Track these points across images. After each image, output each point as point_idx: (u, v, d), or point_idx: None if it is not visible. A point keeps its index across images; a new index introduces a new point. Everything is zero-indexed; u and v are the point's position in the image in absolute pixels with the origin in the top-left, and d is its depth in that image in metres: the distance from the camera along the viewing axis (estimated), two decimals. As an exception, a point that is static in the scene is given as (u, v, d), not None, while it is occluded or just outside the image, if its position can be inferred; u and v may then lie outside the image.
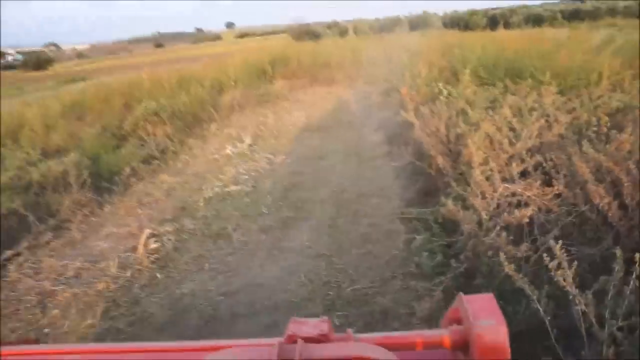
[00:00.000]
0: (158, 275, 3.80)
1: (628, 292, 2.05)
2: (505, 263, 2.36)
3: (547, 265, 2.12)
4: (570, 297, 2.11)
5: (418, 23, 33.97)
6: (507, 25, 27.17)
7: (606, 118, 3.82)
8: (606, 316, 2.06)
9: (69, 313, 3.41)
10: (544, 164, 3.48)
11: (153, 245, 4.22)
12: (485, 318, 0.99)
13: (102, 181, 5.79)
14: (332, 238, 4.09)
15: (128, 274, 3.84)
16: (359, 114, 8.63)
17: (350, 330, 1.01)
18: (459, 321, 1.06)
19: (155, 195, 5.49)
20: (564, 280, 2.10)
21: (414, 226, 3.94)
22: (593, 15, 30.92)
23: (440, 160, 4.21)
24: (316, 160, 6.21)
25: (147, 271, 3.85)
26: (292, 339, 0.93)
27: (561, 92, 5.23)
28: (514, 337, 0.86)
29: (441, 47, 10.57)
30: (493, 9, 40.98)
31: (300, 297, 3.28)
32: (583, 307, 2.08)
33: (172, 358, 1.20)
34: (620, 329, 2.03)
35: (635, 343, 1.98)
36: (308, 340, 0.92)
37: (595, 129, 3.63)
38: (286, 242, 4.09)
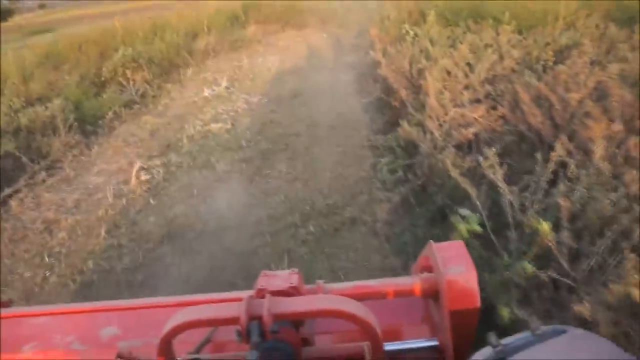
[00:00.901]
0: (151, 201, 4.26)
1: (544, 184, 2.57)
2: (452, 168, 2.90)
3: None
4: (501, 191, 2.64)
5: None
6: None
7: (551, 53, 4.38)
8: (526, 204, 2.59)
9: (75, 235, 3.88)
10: (492, 93, 4.00)
11: (144, 177, 4.66)
12: (455, 265, 1.05)
13: (87, 125, 6.14)
14: (307, 165, 4.58)
15: (123, 201, 4.30)
16: (331, 56, 8.98)
17: (320, 282, 1.12)
18: (429, 269, 1.14)
19: (140, 136, 5.88)
20: (494, 175, 2.64)
21: (380, 152, 4.45)
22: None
23: (404, 93, 4.68)
24: (291, 99, 6.63)
25: (141, 198, 4.31)
26: (261, 293, 0.99)
27: (520, 32, 5.71)
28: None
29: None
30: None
31: (280, 212, 3.79)
32: (509, 197, 2.61)
33: (147, 314, 1.32)
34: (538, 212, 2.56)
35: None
36: (278, 293, 0.97)
37: (543, 63, 4.17)
38: (266, 170, 4.58)
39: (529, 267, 2.06)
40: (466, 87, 4.13)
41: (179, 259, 3.38)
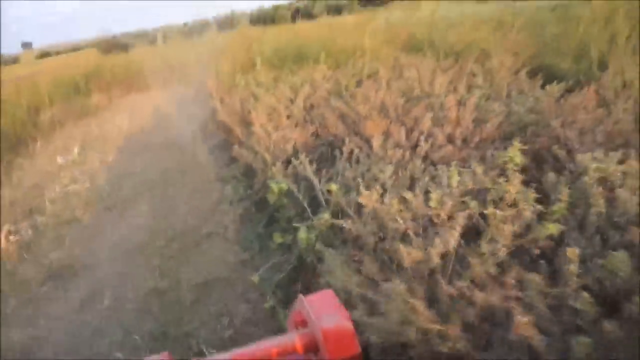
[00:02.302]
0: (25, 255, 4.78)
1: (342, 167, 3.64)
2: (277, 175, 3.92)
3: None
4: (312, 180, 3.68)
5: (227, 23, 35.23)
6: (311, 16, 29.50)
7: (354, 82, 5.74)
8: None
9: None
10: (307, 118, 5.17)
11: (14, 239, 5.13)
12: (327, 314, 1.05)
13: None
14: (166, 202, 5.38)
15: (-3, 260, 4.77)
16: (175, 111, 9.87)
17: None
18: (304, 323, 1.12)
19: (-1, 207, 6.26)
20: (305, 168, 3.69)
21: (226, 180, 5.40)
22: (383, 1, 34.90)
23: (238, 131, 5.70)
24: (143, 153, 7.37)
25: (15, 254, 4.80)
26: None
27: (335, 67, 7.12)
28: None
29: (244, 43, 12.15)
30: (297, 1, 43.45)
31: (147, 240, 4.55)
32: (317, 183, 3.64)
33: None
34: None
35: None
36: None
37: (349, 90, 5.45)
38: (128, 212, 5.30)
39: (327, 217, 3.05)
40: (288, 117, 5.25)
41: (62, 293, 3.99)
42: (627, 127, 2.98)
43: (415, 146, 3.40)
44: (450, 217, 2.12)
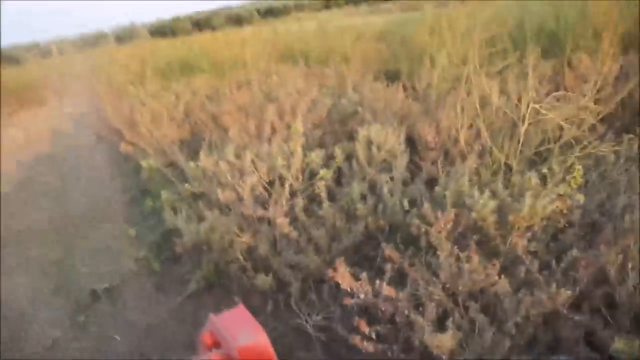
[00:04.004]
0: None
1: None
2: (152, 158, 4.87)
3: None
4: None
5: (125, 35, 35.16)
6: (211, 27, 30.11)
7: (229, 88, 6.80)
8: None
9: None
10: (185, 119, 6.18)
11: None
12: (242, 332, 1.09)
13: None
14: (69, 206, 6.09)
15: None
16: (72, 125, 10.49)
17: None
18: (217, 344, 1.16)
19: None
20: (174, 153, 4.67)
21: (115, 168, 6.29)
22: (284, 12, 36.28)
23: (127, 133, 6.57)
24: (42, 165, 8.00)
25: None
26: None
27: (221, 76, 8.16)
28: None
29: (138, 55, 12.95)
30: (198, 12, 43.85)
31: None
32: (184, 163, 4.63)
33: None
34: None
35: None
36: None
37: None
38: (31, 210, 5.99)
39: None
40: (172, 119, 6.21)
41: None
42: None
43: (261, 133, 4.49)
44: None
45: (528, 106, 3.01)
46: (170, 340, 3.00)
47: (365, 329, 2.01)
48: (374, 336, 2.02)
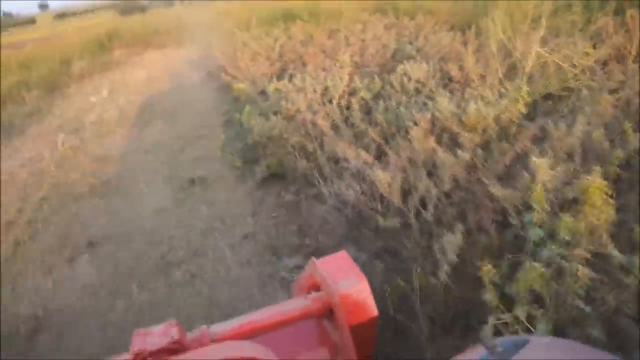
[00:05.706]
0: (76, 154, 7.05)
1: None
2: (254, 95, 6.11)
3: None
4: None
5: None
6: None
7: (324, 33, 7.88)
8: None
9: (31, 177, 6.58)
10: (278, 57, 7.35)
11: (67, 145, 7.41)
12: (344, 278, 1.10)
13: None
14: (179, 125, 7.58)
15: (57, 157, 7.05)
16: (187, 65, 12.11)
17: (203, 328, 1.12)
18: (316, 287, 1.20)
19: (48, 130, 8.55)
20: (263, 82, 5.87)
21: (226, 107, 7.62)
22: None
23: (230, 69, 7.89)
24: (160, 95, 9.62)
25: (70, 153, 7.07)
26: (140, 357, 0.93)
27: (315, 24, 9.24)
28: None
29: (242, 6, 14.45)
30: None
31: (156, 141, 6.78)
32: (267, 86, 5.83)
33: None
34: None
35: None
36: (160, 353, 0.94)
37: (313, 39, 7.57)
38: (149, 129, 7.53)
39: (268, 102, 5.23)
40: (267, 58, 7.43)
41: (105, 169, 6.24)
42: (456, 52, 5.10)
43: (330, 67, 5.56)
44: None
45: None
46: (239, 213, 4.25)
47: (356, 186, 3.09)
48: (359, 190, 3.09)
